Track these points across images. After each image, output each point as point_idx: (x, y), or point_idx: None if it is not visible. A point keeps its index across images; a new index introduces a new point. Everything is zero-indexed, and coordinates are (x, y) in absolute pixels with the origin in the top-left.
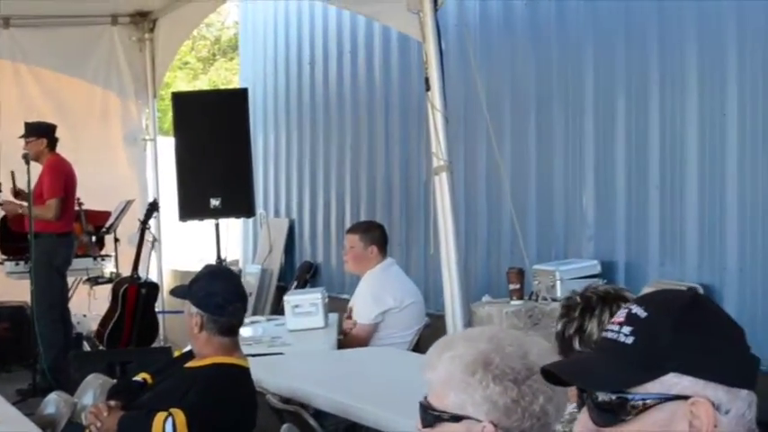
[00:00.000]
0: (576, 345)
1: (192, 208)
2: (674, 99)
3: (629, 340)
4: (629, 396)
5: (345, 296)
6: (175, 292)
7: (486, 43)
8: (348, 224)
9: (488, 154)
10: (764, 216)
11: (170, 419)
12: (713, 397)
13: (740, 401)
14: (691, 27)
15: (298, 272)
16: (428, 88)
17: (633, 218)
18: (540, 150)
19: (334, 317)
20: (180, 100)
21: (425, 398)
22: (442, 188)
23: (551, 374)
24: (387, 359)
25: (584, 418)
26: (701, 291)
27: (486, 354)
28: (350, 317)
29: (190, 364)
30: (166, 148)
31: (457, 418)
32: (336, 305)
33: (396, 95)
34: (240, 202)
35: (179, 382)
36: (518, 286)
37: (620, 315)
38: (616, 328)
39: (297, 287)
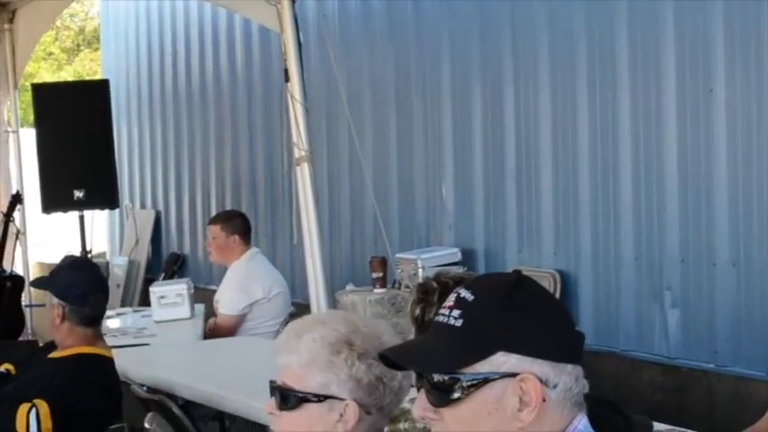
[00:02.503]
0: None
1: (55, 200)
2: (527, 92)
3: (459, 323)
4: (460, 377)
5: (213, 287)
6: (37, 283)
7: (345, 35)
8: (214, 215)
9: (351, 144)
10: (615, 202)
11: (33, 410)
12: (540, 373)
13: (566, 376)
14: (542, 23)
15: (165, 263)
16: (287, 79)
17: (491, 207)
18: (400, 142)
19: (200, 308)
20: (40, 91)
21: (281, 381)
22: (303, 178)
23: (388, 358)
24: (252, 348)
25: (421, 399)
26: (557, 277)
27: (347, 334)
28: (215, 314)
29: (53, 354)
30: (31, 140)
31: (321, 398)
32: (204, 296)
33: (258, 86)
34: (104, 194)
35: (42, 372)
36: (381, 275)
37: (451, 299)
38: (447, 311)
39: (164, 278)
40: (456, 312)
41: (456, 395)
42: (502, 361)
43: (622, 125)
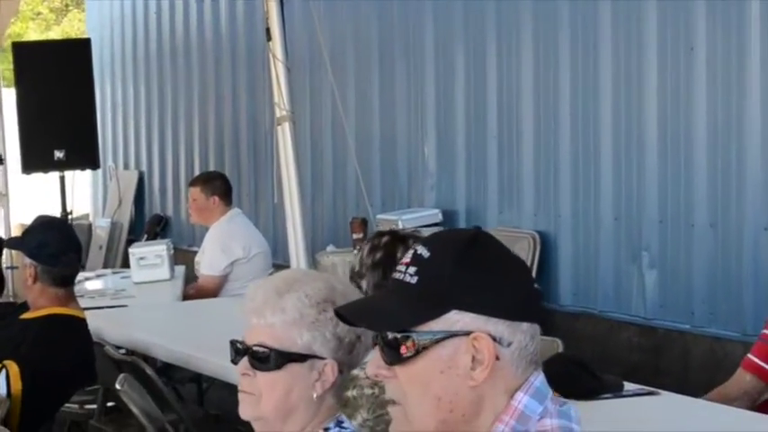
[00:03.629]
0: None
1: (35, 160)
2: (510, 53)
3: (414, 280)
4: (413, 335)
5: (195, 248)
6: (9, 243)
7: None
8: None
9: (334, 105)
10: (596, 166)
11: (3, 371)
12: (494, 331)
13: (521, 334)
14: None
15: (147, 225)
16: (269, 38)
17: (473, 168)
18: (383, 102)
19: (180, 269)
20: (21, 50)
21: (257, 341)
22: (284, 138)
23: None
24: (231, 310)
25: (376, 357)
26: (537, 238)
27: (328, 292)
28: (197, 276)
29: (25, 315)
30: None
31: (303, 358)
32: (186, 258)
33: (242, 46)
34: (85, 154)
35: (13, 333)
36: (361, 236)
37: (407, 257)
38: (403, 268)
39: (147, 240)
40: (412, 269)
41: (408, 353)
42: (455, 319)
43: (603, 86)
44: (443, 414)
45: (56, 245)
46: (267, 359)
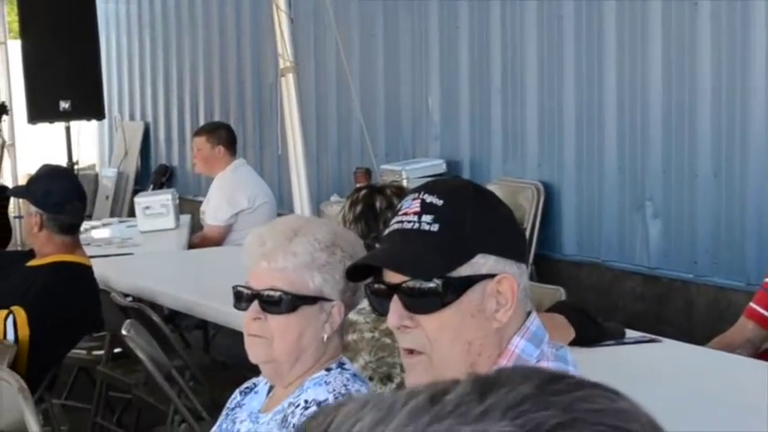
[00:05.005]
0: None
1: (40, 110)
2: (513, 5)
3: (435, 228)
4: (448, 281)
5: (201, 198)
6: (14, 192)
7: None
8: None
9: (338, 56)
10: (600, 116)
11: (11, 317)
12: (512, 272)
13: (525, 275)
14: None
15: (153, 175)
16: None
17: (477, 118)
18: (387, 53)
19: (185, 218)
20: (26, 1)
21: (268, 285)
22: (288, 89)
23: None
24: (236, 258)
25: (397, 308)
26: (541, 188)
27: (335, 236)
28: (202, 225)
29: (31, 262)
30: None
31: (314, 300)
32: (191, 207)
33: None
34: (90, 105)
35: (20, 280)
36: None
37: (414, 206)
38: (414, 218)
39: (153, 190)
40: (428, 218)
41: (444, 299)
42: (482, 263)
43: (607, 37)
44: (473, 358)
45: (61, 193)
46: (279, 302)
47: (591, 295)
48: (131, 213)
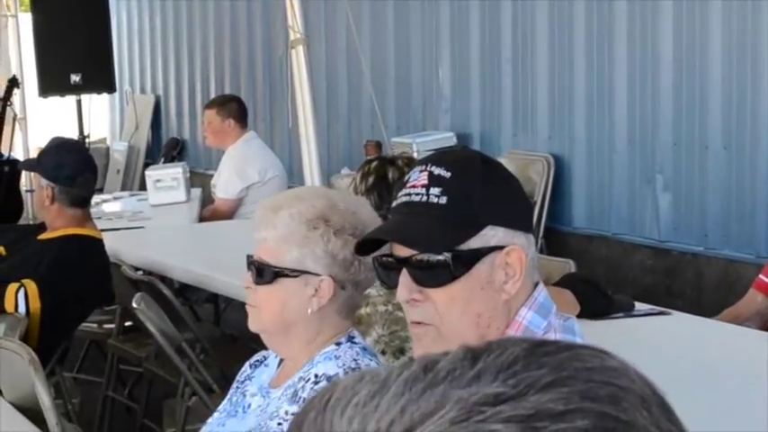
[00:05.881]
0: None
1: (52, 84)
2: None
3: (443, 200)
4: (459, 253)
5: (212, 172)
6: (25, 165)
7: None
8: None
9: (348, 27)
10: (610, 89)
11: (22, 290)
12: (520, 243)
13: (532, 246)
14: None
15: (164, 148)
16: None
17: (487, 91)
18: (397, 25)
19: (196, 191)
20: None
21: (257, 256)
22: (298, 62)
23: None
24: (247, 231)
25: (406, 282)
26: (551, 161)
27: (324, 210)
28: (213, 199)
29: (43, 236)
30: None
31: (296, 273)
32: (203, 181)
33: None
34: (101, 78)
35: (32, 253)
36: None
37: (421, 178)
38: (422, 191)
39: (164, 163)
40: (436, 190)
41: (454, 273)
42: (491, 234)
43: (618, 9)
44: (482, 330)
45: (72, 166)
46: (263, 273)
47: (601, 268)
48: (142, 187)
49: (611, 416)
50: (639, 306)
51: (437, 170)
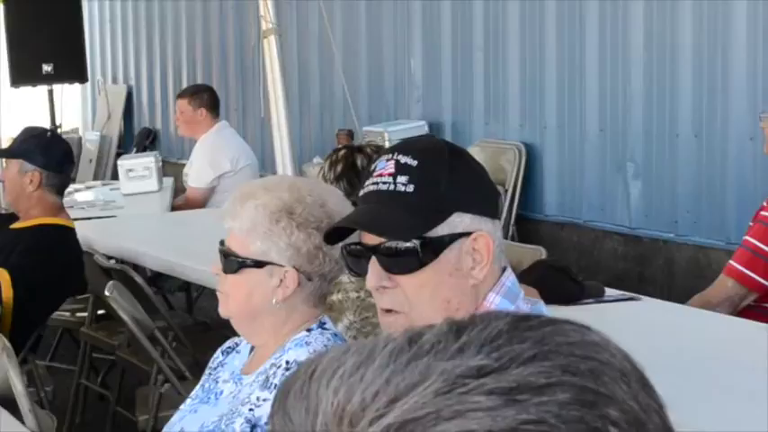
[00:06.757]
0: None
1: (23, 74)
2: None
3: (411, 188)
4: (427, 240)
5: (184, 161)
6: (5, 152)
7: None
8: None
9: (320, 17)
10: (582, 77)
11: None
12: (487, 229)
13: (500, 231)
14: None
15: (137, 138)
16: None
17: (459, 80)
18: (369, 15)
19: (168, 180)
20: None
21: (226, 245)
22: (270, 51)
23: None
24: (218, 220)
25: (375, 269)
26: (522, 149)
27: (289, 203)
28: (185, 188)
29: (15, 225)
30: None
31: (260, 264)
32: (175, 170)
33: None
34: (73, 68)
35: (4, 242)
36: None
37: (388, 167)
38: (389, 179)
39: (136, 153)
40: (403, 178)
41: (423, 259)
42: (458, 221)
43: None
44: (451, 315)
45: (61, 154)
46: (230, 263)
47: (572, 255)
48: (115, 176)
49: (591, 389)
50: (610, 292)
51: (404, 159)
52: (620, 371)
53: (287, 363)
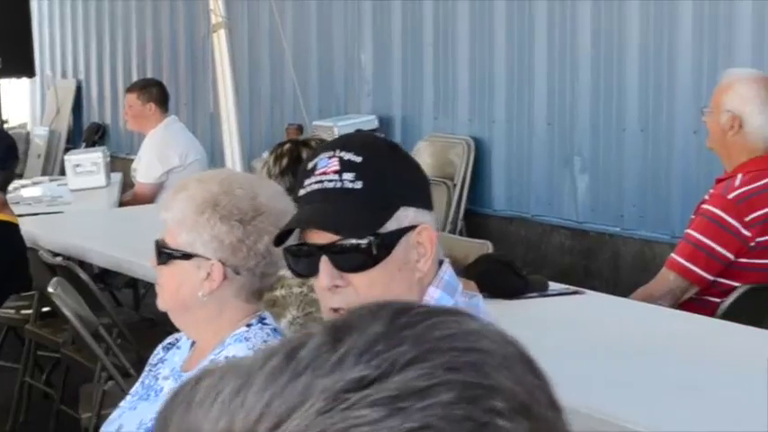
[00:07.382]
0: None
1: None
2: None
3: (358, 185)
4: (379, 236)
5: (133, 156)
6: None
7: None
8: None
9: (271, 11)
10: (530, 71)
11: None
12: (428, 221)
13: (436, 224)
14: None
15: (86, 133)
16: None
17: (409, 74)
18: (320, 9)
19: (116, 176)
20: None
21: (161, 237)
22: (220, 45)
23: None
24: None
25: (326, 268)
26: (471, 143)
27: (215, 195)
28: (134, 183)
29: None
30: None
31: (187, 256)
32: (124, 165)
33: None
34: (21, 62)
35: None
36: None
37: (331, 165)
38: (334, 177)
39: (85, 148)
40: (349, 175)
41: (377, 255)
42: (404, 215)
43: None
44: None
45: (4, 149)
46: (161, 254)
47: (520, 250)
48: (63, 172)
49: (475, 383)
50: (554, 286)
51: (347, 155)
52: (501, 356)
53: (226, 359)
